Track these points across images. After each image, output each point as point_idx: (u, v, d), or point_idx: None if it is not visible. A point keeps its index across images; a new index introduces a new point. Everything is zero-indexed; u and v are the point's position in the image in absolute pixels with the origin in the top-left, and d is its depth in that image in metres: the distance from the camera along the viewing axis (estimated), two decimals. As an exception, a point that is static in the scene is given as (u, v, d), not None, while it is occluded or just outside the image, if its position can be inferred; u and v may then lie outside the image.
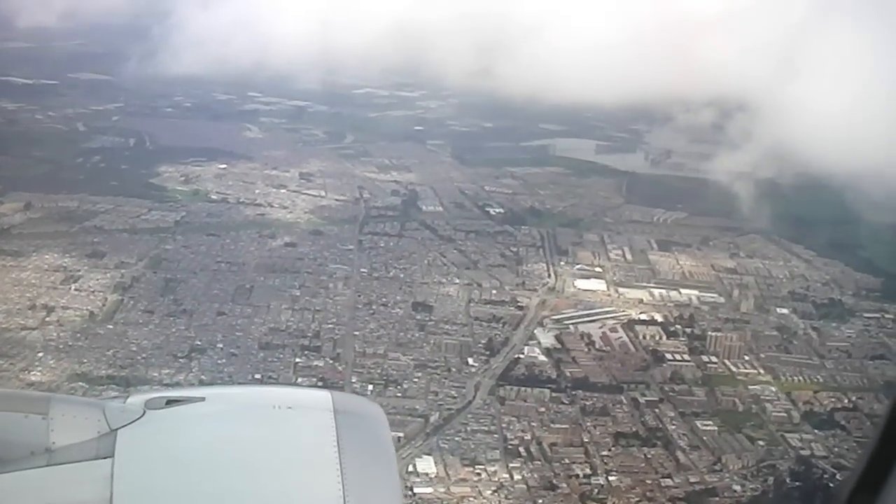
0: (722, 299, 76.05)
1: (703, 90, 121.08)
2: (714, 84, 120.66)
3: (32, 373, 56.41)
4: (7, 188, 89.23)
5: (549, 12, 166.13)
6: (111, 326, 63.97)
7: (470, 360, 63.02)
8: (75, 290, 69.19)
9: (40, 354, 58.84)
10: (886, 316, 73.92)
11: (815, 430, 57.36)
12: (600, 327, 69.37)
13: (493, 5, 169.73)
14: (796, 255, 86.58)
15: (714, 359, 64.93)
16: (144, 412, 7.72)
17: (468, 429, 55.09)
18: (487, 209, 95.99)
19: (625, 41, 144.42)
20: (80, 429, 7.55)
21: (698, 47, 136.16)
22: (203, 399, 8.10)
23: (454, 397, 58.36)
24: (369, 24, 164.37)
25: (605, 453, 53.69)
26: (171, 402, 7.92)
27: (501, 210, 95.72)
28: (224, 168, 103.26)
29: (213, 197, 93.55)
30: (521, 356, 63.96)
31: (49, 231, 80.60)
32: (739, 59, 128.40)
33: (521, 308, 71.93)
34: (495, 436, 54.66)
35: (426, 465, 51.52)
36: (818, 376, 63.73)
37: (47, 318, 64.04)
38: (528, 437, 54.50)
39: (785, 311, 74.10)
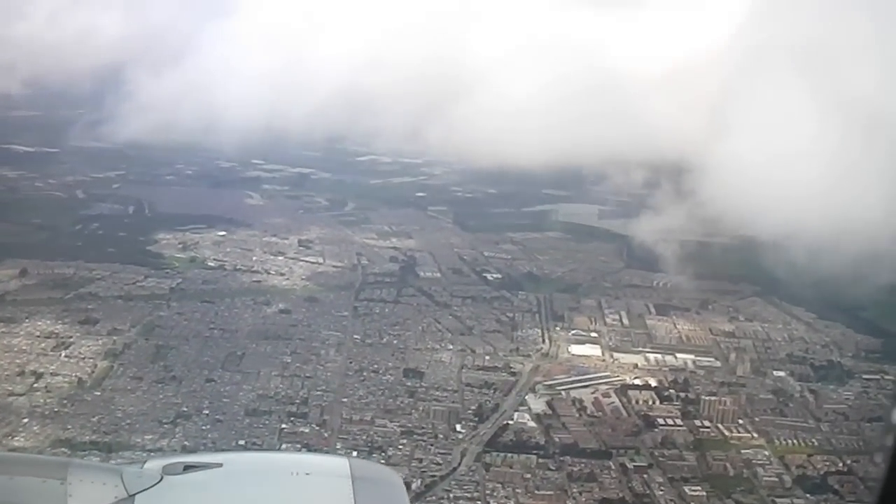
0: (718, 363, 76.40)
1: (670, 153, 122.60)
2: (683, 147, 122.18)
3: (15, 438, 57.03)
4: (3, 255, 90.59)
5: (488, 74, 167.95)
6: (98, 393, 64.67)
7: (458, 427, 63.32)
8: (66, 356, 70.07)
9: (25, 420, 59.51)
10: (886, 377, 74.18)
11: (807, 495, 57.35)
12: (593, 392, 69.71)
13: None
14: (796, 317, 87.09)
15: (707, 423, 65.11)
16: (162, 478, 7.90)
17: (451, 496, 55.28)
18: (485, 275, 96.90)
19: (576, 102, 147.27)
20: (98, 494, 7.59)
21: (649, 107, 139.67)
22: (220, 465, 8.29)
23: (439, 464, 58.55)
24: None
25: (589, 519, 53.86)
26: (188, 467, 8.11)
27: (499, 275, 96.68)
28: (223, 235, 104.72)
29: (210, 264, 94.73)
30: (511, 422, 64.21)
31: (43, 298, 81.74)
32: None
33: (513, 374, 72.43)
34: (478, 503, 54.87)
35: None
36: (813, 439, 63.77)
37: (35, 385, 64.83)
38: (511, 503, 54.70)
39: (782, 373, 74.38)
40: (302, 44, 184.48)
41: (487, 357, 75.52)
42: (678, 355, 77.53)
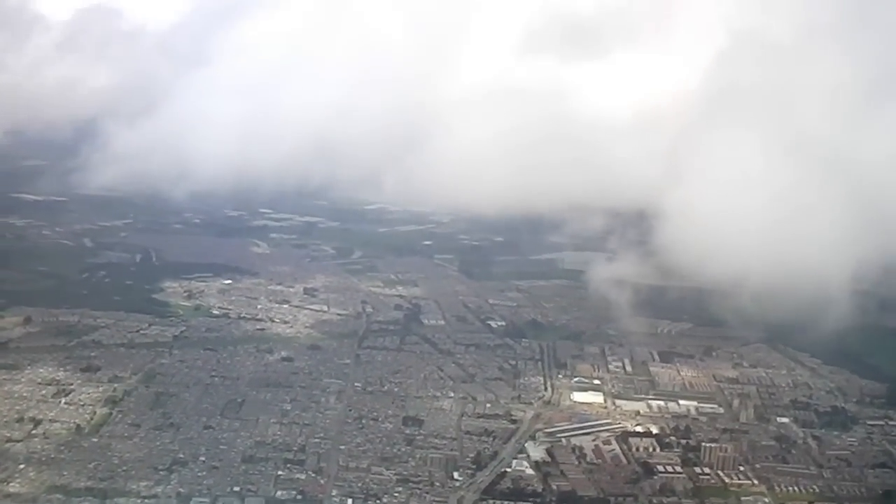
0: (721, 409, 76.51)
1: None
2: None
3: (11, 484, 57.38)
4: (9, 303, 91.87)
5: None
6: (96, 439, 65.04)
7: (455, 475, 63.35)
8: (65, 403, 70.66)
9: (21, 466, 59.86)
10: (890, 423, 74.22)
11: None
12: (593, 440, 69.76)
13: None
14: (801, 363, 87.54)
15: (707, 470, 65.03)
16: None
17: (445, 543, 55.34)
18: (489, 322, 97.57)
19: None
20: None
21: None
22: None
23: (434, 512, 58.75)
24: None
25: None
26: None
27: (503, 323, 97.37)
28: (228, 283, 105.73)
29: (215, 312, 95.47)
30: (509, 470, 64.22)
31: (46, 345, 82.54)
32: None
33: (514, 421, 72.58)
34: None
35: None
36: (814, 486, 63.59)
37: (33, 431, 65.35)
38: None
39: (785, 420, 74.46)
40: (289, 91, 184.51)
41: (488, 404, 75.70)
42: (681, 402, 77.74)
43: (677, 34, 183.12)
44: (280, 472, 61.73)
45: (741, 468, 65.37)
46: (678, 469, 64.96)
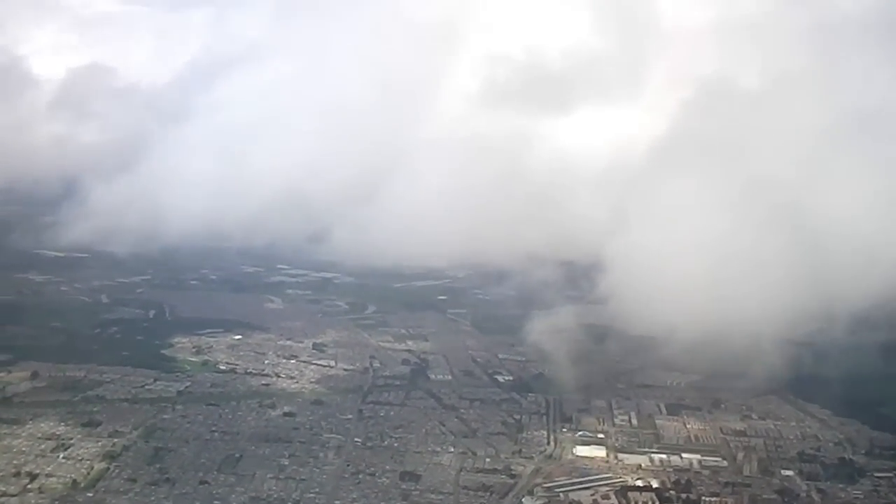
0: (725, 463, 75.98)
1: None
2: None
3: (2, 539, 58.25)
4: (18, 357, 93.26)
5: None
6: (91, 494, 65.71)
7: (449, 529, 63.32)
8: (64, 457, 71.46)
9: (14, 521, 60.77)
10: (899, 474, 73.38)
11: None
12: (592, 494, 69.42)
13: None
14: (811, 414, 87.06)
15: (706, 524, 64.47)
16: None
17: None
18: (497, 377, 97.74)
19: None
20: None
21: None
22: None
23: (423, 567, 58.65)
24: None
25: None
26: None
27: (511, 377, 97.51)
28: (238, 339, 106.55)
29: (222, 367, 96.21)
30: (503, 525, 64.12)
31: (51, 400, 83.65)
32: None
33: (513, 476, 72.44)
34: None
35: None
36: (815, 541, 62.86)
37: (29, 486, 66.15)
38: None
39: (790, 472, 73.87)
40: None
41: (488, 459, 75.58)
42: (684, 455, 77.21)
43: (639, 86, 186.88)
44: (271, 528, 62.27)
45: (740, 522, 65.04)
46: (676, 523, 64.76)
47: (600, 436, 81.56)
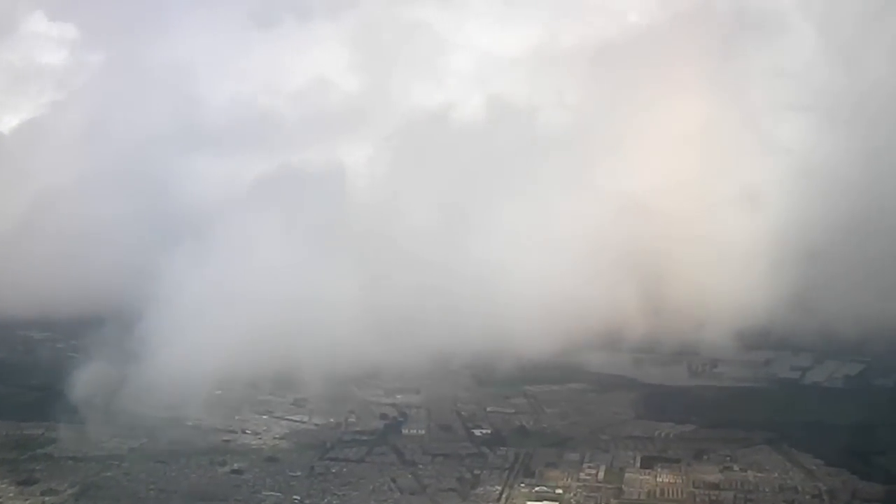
0: (685, 520, 72.99)
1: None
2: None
3: None
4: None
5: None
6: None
7: None
8: (-15, 518, 72.36)
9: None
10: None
11: None
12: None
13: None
14: (800, 465, 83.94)
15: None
16: None
17: None
18: (474, 431, 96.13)
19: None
20: None
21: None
22: None
23: None
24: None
25: None
26: None
27: (488, 431, 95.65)
28: (218, 394, 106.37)
29: (188, 423, 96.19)
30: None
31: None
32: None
33: (448, 534, 70.67)
34: None
35: None
36: None
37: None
38: None
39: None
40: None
41: (428, 518, 73.99)
42: (642, 512, 74.43)
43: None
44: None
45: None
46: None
47: (558, 491, 79.20)
